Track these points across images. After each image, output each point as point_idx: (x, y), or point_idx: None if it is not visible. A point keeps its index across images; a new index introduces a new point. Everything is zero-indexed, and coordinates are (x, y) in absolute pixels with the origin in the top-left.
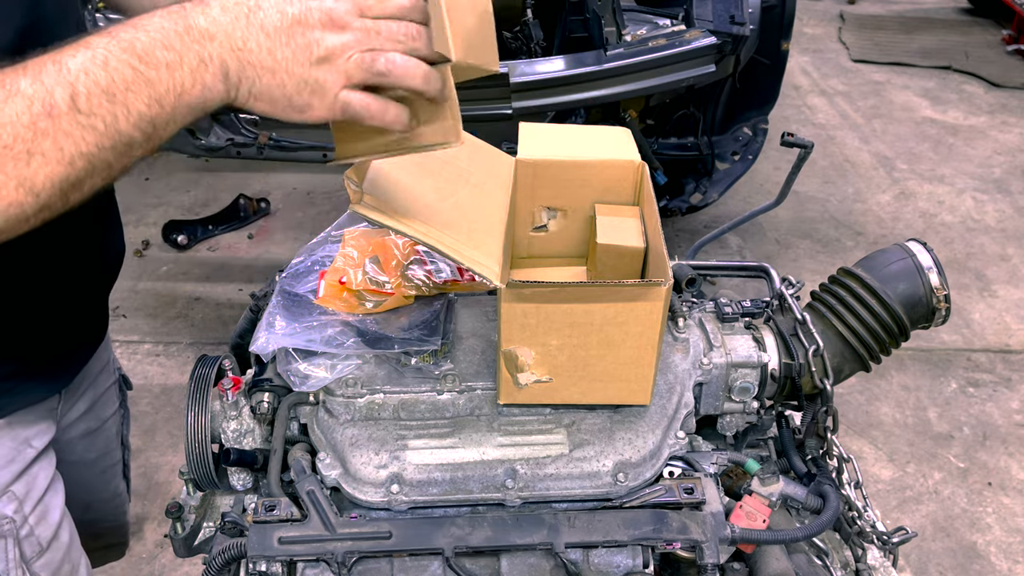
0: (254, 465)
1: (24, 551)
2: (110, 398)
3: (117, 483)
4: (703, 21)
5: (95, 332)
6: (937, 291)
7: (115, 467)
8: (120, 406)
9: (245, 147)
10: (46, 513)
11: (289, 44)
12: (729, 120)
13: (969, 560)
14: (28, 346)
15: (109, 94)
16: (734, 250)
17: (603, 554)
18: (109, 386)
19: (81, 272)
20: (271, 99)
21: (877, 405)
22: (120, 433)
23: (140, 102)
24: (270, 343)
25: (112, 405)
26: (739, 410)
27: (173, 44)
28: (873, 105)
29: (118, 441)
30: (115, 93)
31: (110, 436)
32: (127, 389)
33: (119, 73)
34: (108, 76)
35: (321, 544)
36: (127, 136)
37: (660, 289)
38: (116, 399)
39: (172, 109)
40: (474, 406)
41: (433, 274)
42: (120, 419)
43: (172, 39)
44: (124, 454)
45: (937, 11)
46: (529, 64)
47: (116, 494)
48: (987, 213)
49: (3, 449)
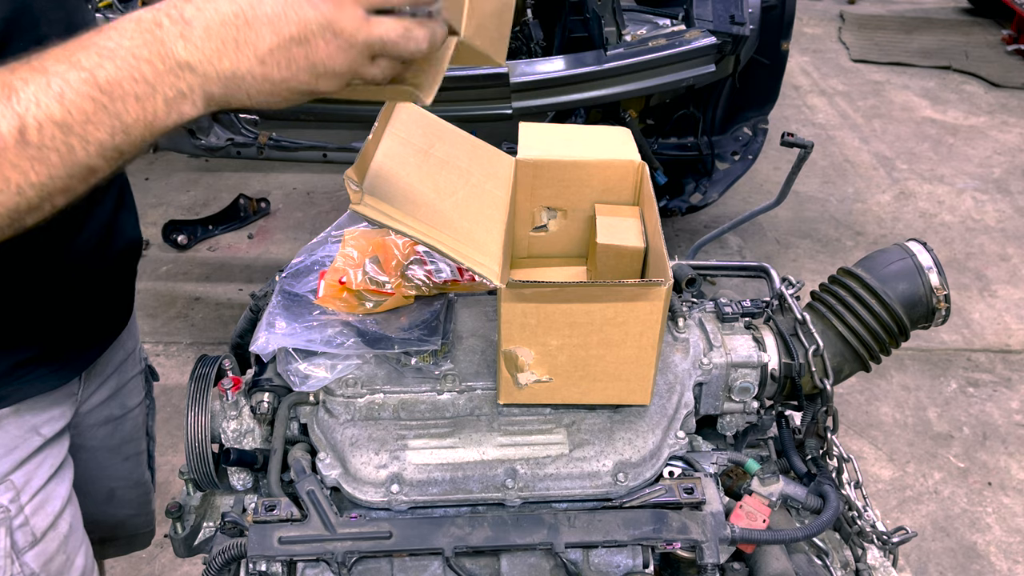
0: (254, 465)
1: (16, 540)
2: (135, 387)
3: (142, 471)
4: (703, 21)
5: (114, 319)
6: (937, 291)
7: (140, 456)
8: (146, 396)
9: (245, 147)
10: (45, 502)
11: (289, 67)
12: (729, 120)
13: (969, 560)
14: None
15: (64, 126)
16: (734, 250)
17: (603, 554)
18: (135, 375)
19: (92, 257)
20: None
21: (877, 405)
22: (145, 423)
23: (102, 132)
24: (270, 343)
25: (137, 395)
26: (739, 410)
27: (145, 75)
28: (873, 105)
29: (143, 431)
30: (71, 125)
31: (136, 424)
32: (154, 380)
33: (76, 106)
34: (63, 109)
35: (321, 544)
36: (86, 165)
37: (660, 289)
38: (142, 389)
39: (141, 136)
40: (474, 406)
41: (433, 274)
42: (145, 409)
43: (144, 69)
44: (149, 444)
45: (937, 11)
46: (529, 64)
47: (141, 482)
48: (987, 213)
49: (7, 437)
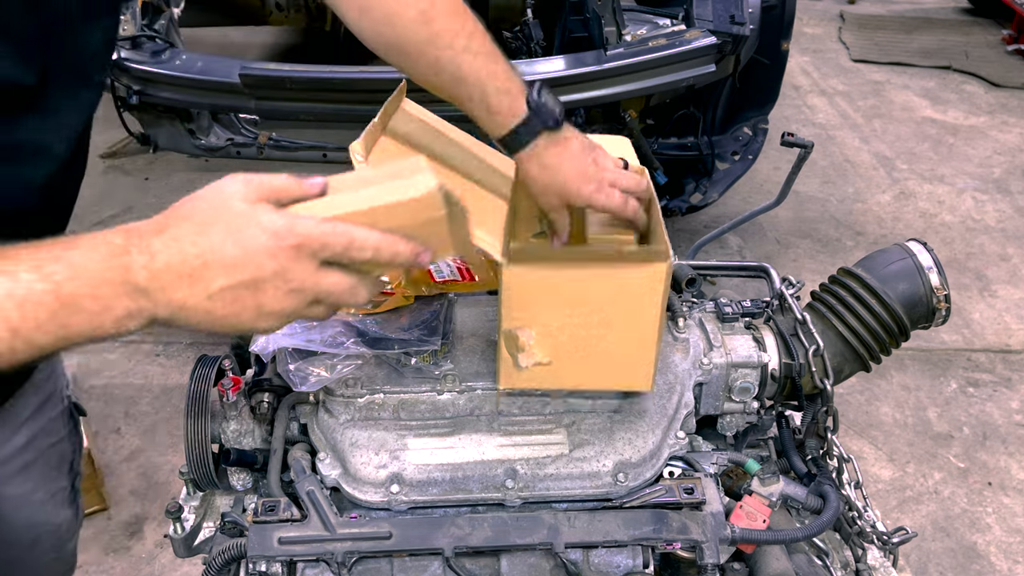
0: (254, 465)
1: None
2: (54, 428)
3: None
4: (703, 21)
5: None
6: (937, 291)
7: (55, 498)
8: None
9: (245, 147)
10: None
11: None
12: (729, 120)
13: (969, 560)
14: None
15: (12, 330)
16: (734, 250)
17: (603, 554)
18: (55, 416)
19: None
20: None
21: (877, 405)
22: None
23: (45, 339)
24: (270, 343)
25: (55, 434)
26: (739, 410)
27: (104, 295)
28: (873, 105)
29: (64, 468)
30: (19, 330)
31: (47, 468)
32: (80, 415)
33: (32, 314)
34: (20, 315)
35: (321, 544)
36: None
37: (661, 264)
38: (63, 427)
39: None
40: (474, 406)
41: (433, 274)
42: (70, 446)
43: (104, 290)
44: (75, 480)
45: (937, 11)
46: (529, 64)
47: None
48: (987, 213)
49: None
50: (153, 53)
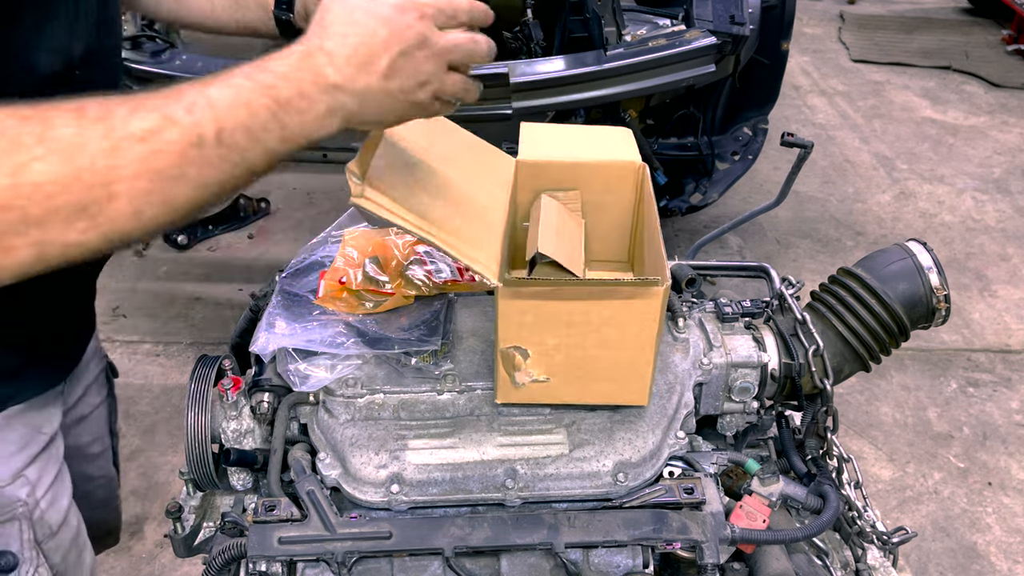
0: (254, 465)
1: (36, 533)
2: (100, 385)
3: (109, 469)
4: (703, 21)
5: (91, 316)
6: (937, 291)
7: (105, 453)
8: (108, 394)
9: None
10: (56, 498)
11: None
12: (729, 120)
13: (969, 560)
14: (38, 334)
15: (249, 132)
16: (734, 250)
17: (603, 554)
18: (99, 373)
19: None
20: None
21: (877, 405)
22: (108, 420)
23: (272, 141)
24: (270, 343)
25: (101, 392)
26: (739, 410)
27: (309, 93)
28: (873, 105)
29: (107, 428)
30: (254, 131)
31: (101, 422)
32: (114, 377)
33: (258, 116)
34: (250, 116)
35: (321, 544)
36: (253, 166)
37: (657, 289)
38: (104, 386)
39: (295, 145)
40: (474, 406)
41: (433, 274)
42: (107, 407)
43: (307, 88)
44: (113, 441)
45: (937, 11)
46: (529, 64)
47: (109, 479)
48: (987, 213)
49: (16, 434)
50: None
